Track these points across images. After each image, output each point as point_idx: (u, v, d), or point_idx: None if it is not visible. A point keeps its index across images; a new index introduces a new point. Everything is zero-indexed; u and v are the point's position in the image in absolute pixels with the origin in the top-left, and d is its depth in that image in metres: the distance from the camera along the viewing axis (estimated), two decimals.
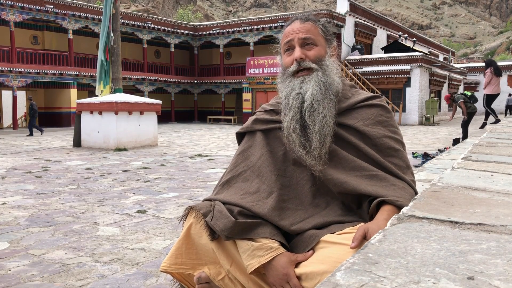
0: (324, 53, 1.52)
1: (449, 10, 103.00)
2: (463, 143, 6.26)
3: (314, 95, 1.44)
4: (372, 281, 0.65)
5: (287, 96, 1.49)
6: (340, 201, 1.39)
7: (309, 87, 1.45)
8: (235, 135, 1.72)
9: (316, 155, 1.39)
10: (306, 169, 1.43)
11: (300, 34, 1.50)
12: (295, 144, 1.43)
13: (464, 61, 54.62)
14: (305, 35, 1.50)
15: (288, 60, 1.53)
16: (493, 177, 1.51)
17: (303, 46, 1.50)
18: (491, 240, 0.83)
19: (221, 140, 13.62)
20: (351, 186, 1.33)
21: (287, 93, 1.50)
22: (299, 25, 1.52)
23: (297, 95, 1.46)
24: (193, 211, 1.43)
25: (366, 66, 23.48)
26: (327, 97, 1.45)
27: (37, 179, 6.19)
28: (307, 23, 1.53)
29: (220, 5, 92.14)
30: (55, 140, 13.77)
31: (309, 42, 1.50)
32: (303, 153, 1.41)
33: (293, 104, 1.46)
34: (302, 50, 1.49)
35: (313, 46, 1.51)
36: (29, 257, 2.86)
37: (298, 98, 1.46)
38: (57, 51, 22.55)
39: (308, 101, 1.44)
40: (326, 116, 1.42)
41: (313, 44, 1.51)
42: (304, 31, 1.51)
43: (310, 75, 1.48)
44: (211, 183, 5.73)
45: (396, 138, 1.46)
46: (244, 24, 26.29)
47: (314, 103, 1.43)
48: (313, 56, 1.50)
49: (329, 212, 1.37)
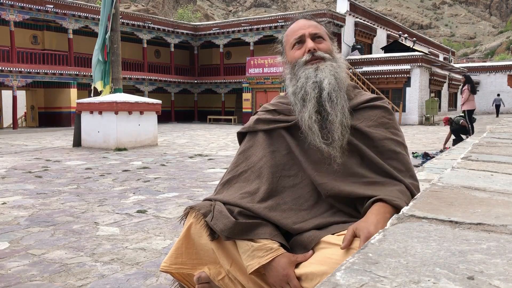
0: (332, 49, 1.55)
1: (449, 10, 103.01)
2: (463, 143, 6.26)
3: (332, 84, 1.43)
4: (372, 281, 0.65)
5: (303, 86, 1.46)
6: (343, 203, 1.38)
7: (325, 76, 1.44)
8: (236, 134, 1.72)
9: (338, 147, 1.38)
10: (309, 170, 1.42)
11: (311, 29, 1.53)
12: (317, 136, 1.40)
13: (464, 61, 54.66)
14: (314, 30, 1.53)
15: (299, 53, 1.53)
16: (493, 177, 1.51)
17: (313, 39, 1.52)
18: (491, 240, 0.83)
19: (221, 140, 13.62)
20: (348, 190, 1.33)
21: (303, 83, 1.46)
22: (306, 22, 1.55)
23: (314, 84, 1.44)
24: (193, 211, 1.43)
25: (366, 66, 23.48)
26: (342, 89, 1.45)
27: (37, 179, 6.19)
28: (312, 21, 1.57)
29: (220, 5, 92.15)
30: (55, 140, 13.77)
31: (320, 36, 1.53)
32: (326, 145, 1.38)
33: (312, 95, 1.43)
34: (313, 43, 1.51)
35: (322, 40, 1.54)
36: (29, 257, 2.87)
37: (315, 88, 1.44)
38: (57, 51, 22.56)
39: (326, 90, 1.42)
40: (344, 107, 1.42)
41: (322, 38, 1.54)
42: (313, 27, 1.54)
43: (323, 63, 1.48)
44: (211, 183, 5.73)
45: (397, 140, 1.45)
46: (244, 24, 26.29)
47: (332, 93, 1.42)
48: (324, 49, 1.52)
49: (331, 213, 1.37)
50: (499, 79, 36.21)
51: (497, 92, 34.28)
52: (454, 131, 10.22)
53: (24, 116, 24.65)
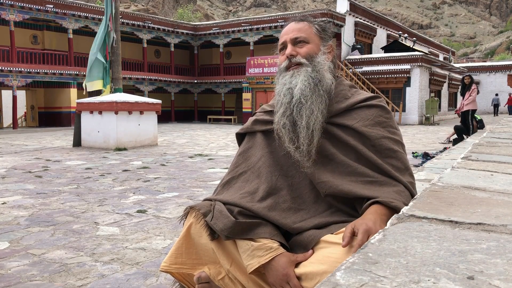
0: (316, 51, 1.55)
1: (449, 9, 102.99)
2: (463, 143, 6.26)
3: (303, 90, 1.46)
4: (372, 281, 0.65)
5: (279, 92, 1.53)
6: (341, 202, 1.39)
7: (298, 81, 1.48)
8: (235, 135, 1.72)
9: (304, 151, 1.40)
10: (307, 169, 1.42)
11: (292, 34, 1.55)
12: (285, 140, 1.44)
13: (464, 61, 54.64)
14: (296, 35, 1.55)
15: (282, 59, 1.58)
16: (493, 176, 1.51)
17: (294, 44, 1.55)
18: (491, 239, 0.83)
19: (221, 139, 13.62)
20: (347, 189, 1.34)
21: (279, 89, 1.53)
22: (293, 25, 1.58)
23: (288, 90, 1.49)
24: (193, 211, 1.43)
25: (366, 65, 23.47)
26: (315, 92, 1.46)
27: (37, 178, 6.19)
28: (301, 23, 1.58)
29: (220, 5, 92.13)
30: (55, 140, 13.77)
31: (301, 40, 1.55)
32: (292, 148, 1.42)
33: (284, 100, 1.49)
34: (293, 48, 1.54)
35: (304, 44, 1.54)
36: (29, 257, 2.87)
37: (288, 94, 1.48)
38: (57, 51, 22.55)
39: (297, 96, 1.46)
40: (314, 111, 1.43)
41: (305, 42, 1.55)
42: (296, 31, 1.56)
43: (299, 69, 1.51)
44: (211, 183, 5.73)
45: (395, 139, 1.46)
46: (244, 23, 26.28)
47: (302, 98, 1.45)
48: (304, 53, 1.53)
49: (330, 213, 1.37)
50: (499, 79, 36.24)
51: (497, 91, 34.68)
52: (457, 129, 10.22)
53: (24, 116, 24.65)
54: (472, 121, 10.37)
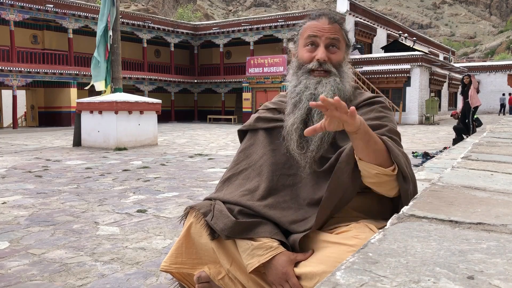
0: (343, 59, 1.50)
1: (449, 9, 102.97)
2: (463, 143, 6.26)
3: None
4: (372, 281, 0.65)
5: (299, 93, 1.45)
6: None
7: (325, 90, 1.42)
8: (236, 133, 1.72)
9: (310, 157, 1.38)
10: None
11: (329, 34, 1.46)
12: (293, 143, 1.41)
13: (464, 61, 54.66)
14: (333, 36, 1.47)
15: (307, 57, 1.48)
16: (493, 176, 1.51)
17: (327, 47, 1.47)
18: (491, 239, 0.83)
19: (221, 139, 13.62)
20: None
21: (300, 91, 1.45)
22: (329, 24, 1.48)
23: (311, 95, 1.42)
24: (193, 211, 1.43)
25: (366, 65, 23.47)
26: None
27: (37, 178, 6.19)
28: (335, 25, 1.49)
29: (220, 5, 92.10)
30: (55, 140, 13.77)
31: (335, 44, 1.48)
32: (299, 153, 1.40)
33: (304, 105, 1.42)
34: (326, 52, 1.46)
35: (336, 50, 1.48)
36: (29, 257, 2.87)
37: (311, 99, 1.41)
38: (57, 51, 22.54)
39: None
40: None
41: (337, 47, 1.48)
42: (333, 32, 1.47)
43: (327, 77, 1.45)
44: (211, 183, 5.73)
45: (392, 129, 1.44)
46: (244, 23, 26.27)
47: None
48: (335, 60, 1.47)
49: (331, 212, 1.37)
50: (499, 79, 36.24)
51: (497, 91, 34.87)
52: (456, 130, 10.23)
53: (24, 116, 24.65)
54: (472, 120, 10.36)
